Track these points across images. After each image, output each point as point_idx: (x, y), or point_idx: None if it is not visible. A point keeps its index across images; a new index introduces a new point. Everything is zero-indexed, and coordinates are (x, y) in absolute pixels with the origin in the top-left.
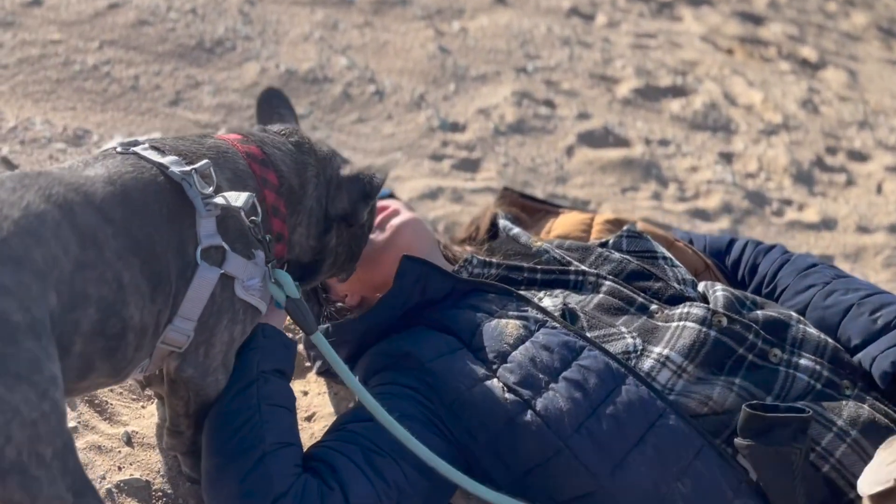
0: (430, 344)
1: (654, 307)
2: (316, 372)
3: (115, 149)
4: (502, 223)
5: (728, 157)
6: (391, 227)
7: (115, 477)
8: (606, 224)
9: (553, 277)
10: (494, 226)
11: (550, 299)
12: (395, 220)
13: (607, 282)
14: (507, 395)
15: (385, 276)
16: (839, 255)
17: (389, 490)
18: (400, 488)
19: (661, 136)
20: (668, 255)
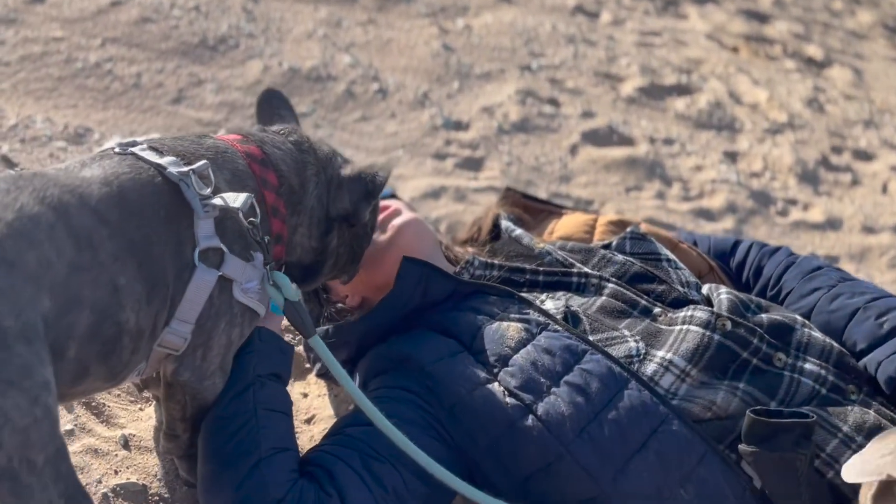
0: (431, 347)
1: (657, 310)
2: (316, 374)
3: (113, 149)
4: (504, 224)
5: (733, 157)
6: (392, 227)
7: (112, 481)
8: (610, 225)
9: (555, 279)
10: (497, 227)
11: (553, 302)
12: (396, 221)
13: (610, 284)
14: (507, 399)
15: (386, 276)
16: (844, 256)
17: (388, 497)
18: (398, 494)
19: (666, 135)
20: (671, 257)
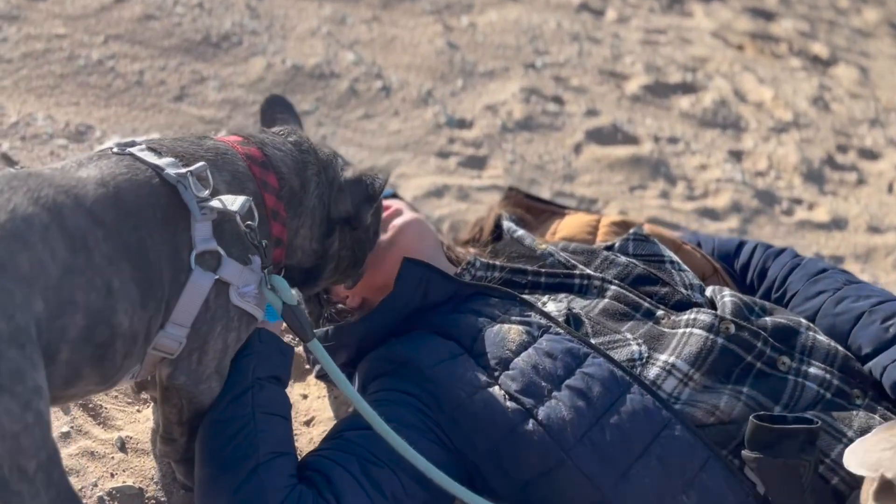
0: (431, 349)
1: (660, 313)
2: (315, 375)
3: (111, 149)
4: (506, 225)
5: (738, 155)
6: (393, 227)
7: (108, 484)
8: (613, 226)
9: (557, 281)
10: (498, 227)
11: (554, 304)
12: (397, 221)
13: (613, 286)
14: (508, 403)
15: (386, 277)
16: (849, 256)
17: (386, 502)
18: (397, 499)
19: (670, 134)
20: (675, 258)
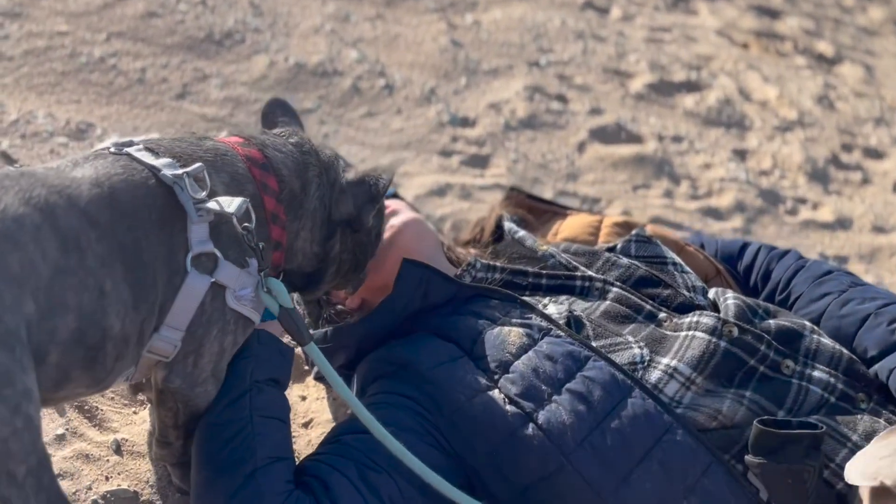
0: (430, 352)
1: (662, 315)
2: (314, 377)
3: (108, 149)
4: (507, 225)
5: (742, 154)
6: (391, 227)
7: (102, 487)
8: (615, 227)
9: (559, 283)
10: (500, 228)
11: (555, 306)
12: (395, 220)
13: (615, 288)
14: (508, 406)
15: (386, 278)
16: (854, 256)
17: None
18: None
19: (675, 133)
20: (677, 260)
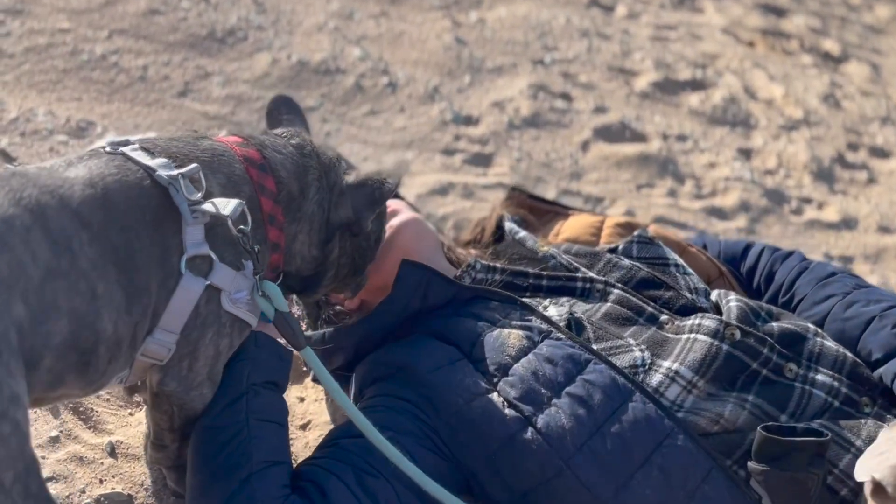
0: (429, 354)
1: (664, 318)
2: (312, 378)
3: (104, 148)
4: (508, 226)
5: (747, 153)
6: (391, 227)
7: (96, 490)
8: (617, 228)
9: (559, 284)
10: (500, 228)
11: (556, 308)
12: (394, 221)
13: (616, 290)
14: (507, 410)
15: (385, 279)
16: (859, 256)
17: None
18: None
19: (679, 131)
20: (680, 261)
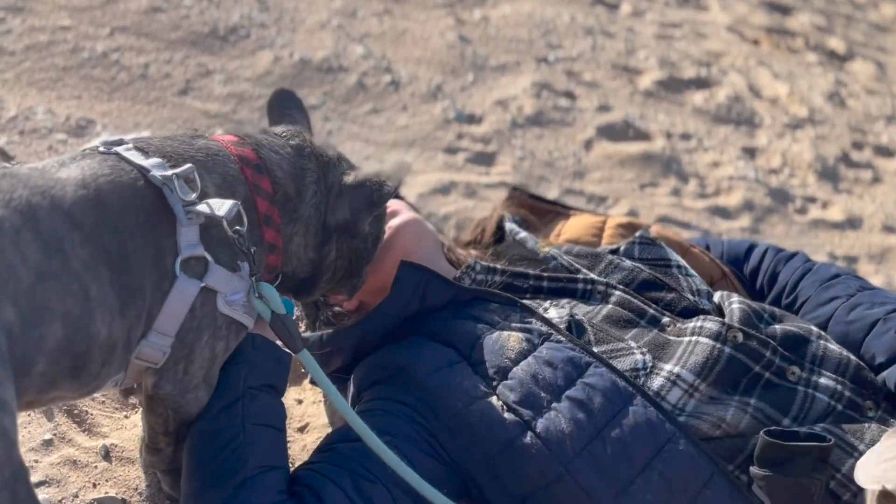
0: (428, 357)
1: (665, 320)
2: (310, 380)
3: (97, 148)
4: (509, 226)
5: (751, 152)
6: (390, 227)
7: (89, 495)
8: (619, 228)
9: (560, 286)
10: (501, 228)
11: (556, 310)
12: (394, 221)
13: (617, 292)
14: (506, 414)
15: (384, 279)
16: (864, 256)
17: None
18: None
19: (683, 130)
20: (682, 263)
